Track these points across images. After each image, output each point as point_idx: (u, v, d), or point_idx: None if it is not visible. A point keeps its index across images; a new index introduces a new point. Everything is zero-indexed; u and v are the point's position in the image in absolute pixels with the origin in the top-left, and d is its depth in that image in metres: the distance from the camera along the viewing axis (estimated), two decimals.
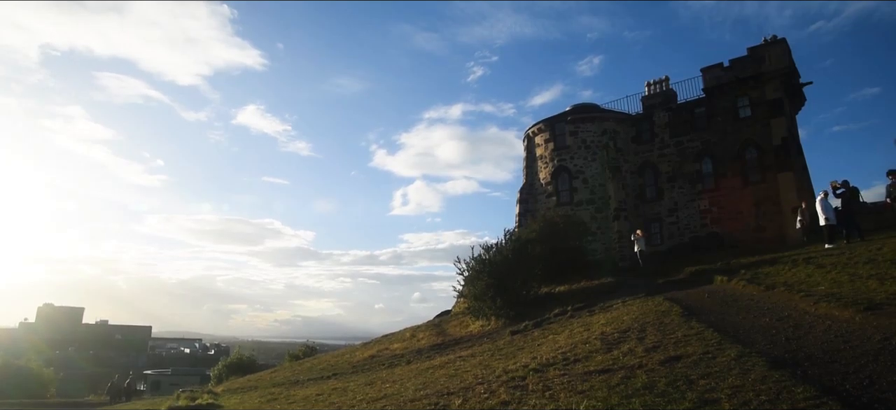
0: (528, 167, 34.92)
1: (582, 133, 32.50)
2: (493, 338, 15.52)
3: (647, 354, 7.76)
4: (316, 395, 10.46)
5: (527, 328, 15.19)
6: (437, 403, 7.33)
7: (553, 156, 33.04)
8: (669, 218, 31.06)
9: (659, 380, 6.21)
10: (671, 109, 32.10)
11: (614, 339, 9.45)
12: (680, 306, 11.63)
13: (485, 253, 21.29)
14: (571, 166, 32.31)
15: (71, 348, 79.91)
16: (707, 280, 17.78)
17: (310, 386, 12.85)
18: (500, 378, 8.25)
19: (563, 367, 8.16)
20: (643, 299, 14.92)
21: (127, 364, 60.48)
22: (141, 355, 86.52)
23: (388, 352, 17.55)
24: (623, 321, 11.25)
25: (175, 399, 12.52)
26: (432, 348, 16.58)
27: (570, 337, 10.96)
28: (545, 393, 6.77)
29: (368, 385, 10.78)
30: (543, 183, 33.40)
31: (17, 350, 39.88)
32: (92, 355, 77.48)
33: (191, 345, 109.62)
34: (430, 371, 11.00)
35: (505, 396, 6.98)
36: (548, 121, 34.17)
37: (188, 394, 13.58)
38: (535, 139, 34.56)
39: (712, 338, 7.92)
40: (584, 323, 12.87)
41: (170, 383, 47.76)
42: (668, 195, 31.26)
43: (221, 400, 12.31)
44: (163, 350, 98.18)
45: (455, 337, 18.04)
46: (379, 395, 8.87)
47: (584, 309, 16.16)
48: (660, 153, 31.86)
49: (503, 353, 11.52)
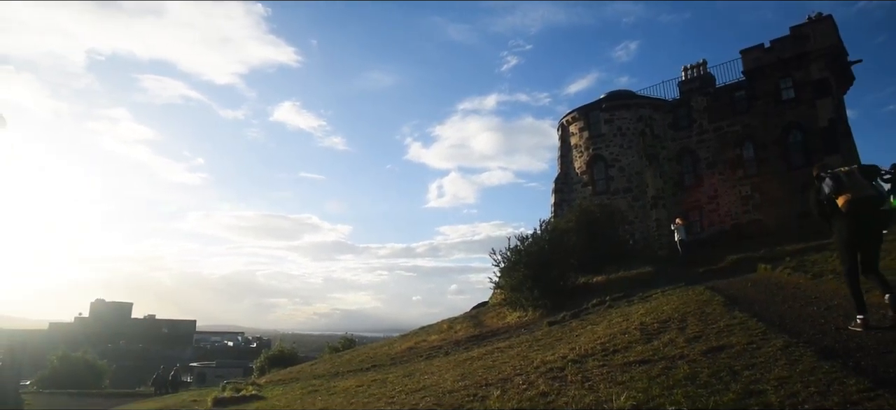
0: (563, 156, 34.56)
1: (617, 120, 31.97)
2: (530, 329, 15.48)
3: (688, 344, 7.63)
4: (356, 387, 10.64)
5: (564, 319, 15.10)
6: (476, 394, 7.37)
7: (588, 145, 32.62)
8: (709, 206, 30.33)
9: (701, 371, 6.11)
10: (709, 94, 31.27)
11: (654, 329, 9.32)
12: (722, 295, 11.38)
13: (520, 244, 21.22)
14: (607, 154, 31.84)
15: (121, 341, 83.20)
16: (750, 268, 17.33)
17: (349, 378, 13.08)
18: (538, 369, 8.25)
19: (602, 358, 8.10)
20: (683, 288, 14.64)
21: (174, 357, 62.61)
22: (187, 348, 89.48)
23: (425, 344, 17.69)
24: (663, 311, 11.08)
25: (221, 391, 12.93)
26: (470, 339, 16.65)
27: (609, 328, 10.85)
28: (584, 384, 6.74)
29: (407, 376, 10.91)
30: (579, 172, 33.02)
31: (74, 343, 41.68)
32: (141, 348, 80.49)
33: (234, 338, 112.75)
34: (468, 363, 11.06)
35: (544, 387, 6.98)
36: (582, 109, 33.74)
37: (233, 386, 14.00)
38: (570, 128, 34.17)
39: (757, 328, 7.73)
40: (622, 314, 12.72)
41: (215, 375, 49.28)
42: (707, 182, 30.51)
43: (265, 392, 12.63)
44: (207, 344, 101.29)
45: (492, 329, 18.06)
46: (418, 387, 8.97)
47: (622, 299, 15.96)
48: (698, 139, 31.11)
49: (541, 344, 11.48)
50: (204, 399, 12.67)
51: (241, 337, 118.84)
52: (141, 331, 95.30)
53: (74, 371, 29.41)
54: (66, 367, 29.64)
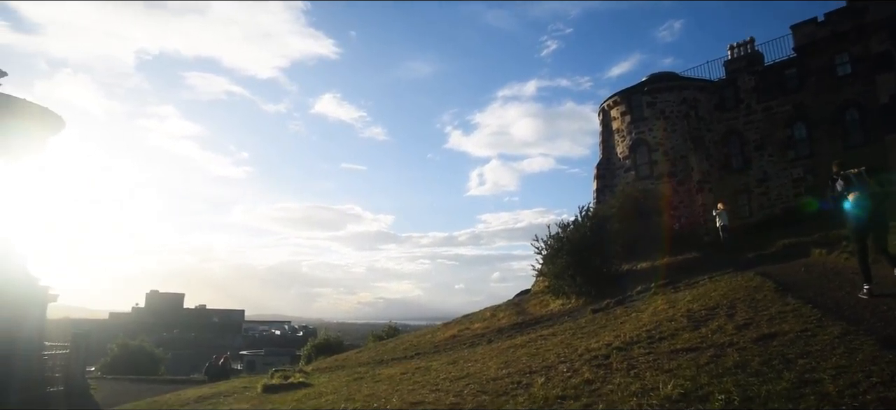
0: (605, 141, 33.99)
1: (660, 103, 31.18)
2: (573, 317, 15.39)
3: (737, 332, 7.46)
4: (400, 374, 10.82)
5: (608, 306, 14.94)
6: (520, 381, 7.40)
7: (630, 129, 31.96)
8: (758, 189, 29.35)
9: (752, 359, 5.97)
10: (757, 72, 30.13)
11: (702, 317, 9.14)
12: (773, 281, 11.05)
13: (562, 231, 21.06)
14: (650, 138, 31.13)
15: (175, 330, 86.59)
16: (803, 253, 16.72)
17: (394, 366, 13.30)
18: (582, 356, 8.21)
19: (648, 345, 8.01)
20: (732, 274, 14.27)
21: (224, 346, 64.75)
22: (236, 336, 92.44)
23: (468, 332, 17.79)
24: (711, 297, 10.84)
25: (269, 378, 13.32)
26: (513, 327, 16.66)
27: (654, 315, 10.69)
28: (629, 372, 6.68)
29: (451, 364, 11.02)
30: (621, 157, 32.42)
31: (132, 332, 43.60)
32: (193, 337, 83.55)
33: (281, 327, 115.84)
34: (511, 350, 11.09)
35: (588, 375, 6.95)
36: (623, 92, 33.05)
37: (281, 373, 14.40)
38: (611, 112, 33.55)
39: (811, 315, 7.50)
40: (668, 300, 12.50)
41: (263, 363, 50.79)
42: (756, 164, 29.51)
43: (312, 379, 12.97)
44: (256, 332, 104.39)
45: (535, 316, 18.02)
46: (461, 374, 9.06)
47: (667, 285, 15.67)
48: (746, 120, 30.07)
49: (585, 331, 11.41)
50: (254, 385, 13.10)
51: (287, 325, 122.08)
52: (193, 320, 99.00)
53: (133, 358, 30.83)
54: (126, 355, 31.09)
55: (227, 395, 12.40)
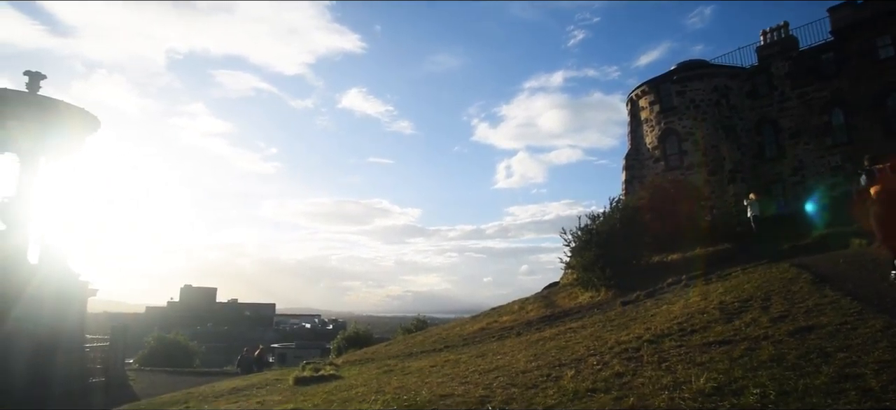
0: (633, 132, 33.51)
1: (690, 92, 30.58)
2: (603, 309, 15.25)
3: (773, 324, 7.31)
4: (429, 367, 10.87)
5: (638, 298, 14.76)
6: (549, 374, 7.38)
7: (659, 119, 31.43)
8: (793, 178, 28.57)
9: (788, 352, 5.85)
10: (792, 58, 29.28)
11: (735, 309, 8.98)
12: (810, 272, 10.77)
13: (591, 223, 20.89)
14: (679, 128, 30.57)
15: (209, 324, 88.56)
16: (841, 244, 16.24)
17: (423, 358, 13.37)
18: (612, 349, 8.14)
19: (679, 338, 7.90)
20: (766, 265, 13.96)
21: (256, 339, 66.00)
22: (268, 330, 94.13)
23: (497, 325, 17.78)
24: (744, 289, 10.63)
25: (301, 370, 13.51)
26: (541, 320, 16.59)
27: (686, 307, 10.54)
28: (661, 365, 6.61)
29: (480, 356, 11.04)
30: (650, 147, 31.92)
31: (167, 326, 44.77)
32: (226, 330, 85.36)
33: (311, 321, 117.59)
34: (540, 343, 11.05)
35: (618, 367, 6.90)
36: (652, 82, 32.50)
37: (312, 366, 14.61)
38: (639, 102, 33.03)
39: (851, 308, 7.29)
40: (700, 292, 12.30)
41: (294, 355, 51.61)
42: (791, 153, 28.72)
43: (342, 371, 13.12)
44: (286, 326, 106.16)
45: (564, 309, 17.92)
46: (491, 367, 9.06)
47: (699, 277, 15.41)
48: (780, 107, 29.27)
49: (614, 324, 11.31)
50: (285, 378, 13.30)
51: (317, 319, 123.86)
52: (226, 314, 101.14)
53: (168, 351, 31.64)
54: (162, 347, 31.93)
55: (259, 387, 12.63)
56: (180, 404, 11.67)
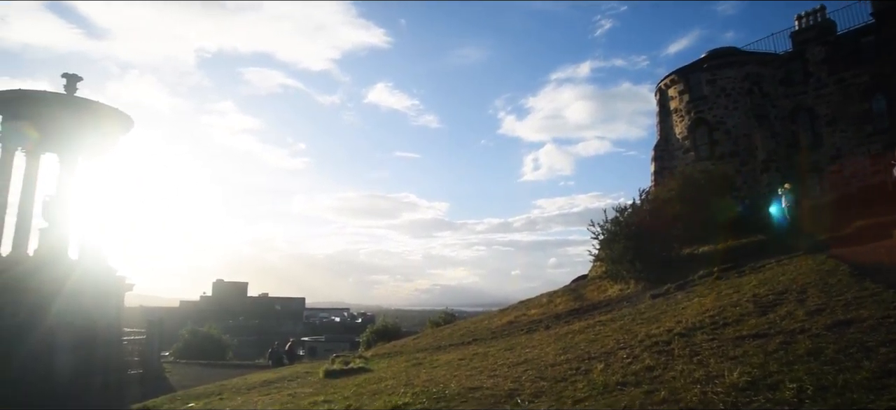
0: (662, 122, 32.94)
1: (720, 80, 29.89)
2: (632, 302, 15.08)
3: (809, 318, 7.13)
4: (458, 360, 10.91)
5: (669, 291, 14.54)
6: (579, 367, 7.34)
7: (689, 109, 30.82)
8: (831, 167, 27.72)
9: (826, 347, 5.70)
10: (829, 42, 28.34)
11: (769, 302, 8.78)
12: (848, 264, 10.47)
13: (620, 216, 20.64)
14: (710, 117, 29.93)
15: (240, 317, 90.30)
16: (882, 235, 15.71)
17: (451, 351, 13.42)
18: (642, 342, 8.06)
19: (711, 331, 7.77)
20: (802, 257, 13.60)
21: (287, 332, 67.04)
22: (298, 323, 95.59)
23: (525, 318, 17.73)
24: (779, 281, 10.40)
25: (331, 363, 13.69)
26: (570, 313, 16.49)
27: (718, 300, 10.35)
28: (692, 359, 6.51)
29: (508, 349, 11.03)
30: (680, 137, 31.35)
31: (200, 320, 45.79)
32: (257, 324, 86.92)
33: (340, 314, 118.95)
34: (569, 336, 10.99)
35: (649, 361, 6.82)
36: (681, 70, 31.87)
37: (342, 359, 14.79)
38: (668, 92, 32.44)
39: (893, 301, 7.07)
40: (732, 285, 12.06)
41: (324, 349, 52.26)
42: (828, 141, 27.86)
43: (371, 364, 13.25)
44: (316, 319, 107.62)
45: (593, 302, 17.77)
46: (519, 360, 9.06)
47: (731, 269, 15.08)
48: (816, 94, 28.39)
49: (645, 317, 11.17)
50: (315, 370, 13.50)
51: (346, 312, 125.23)
52: (257, 308, 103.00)
53: (202, 344, 32.37)
54: (196, 341, 32.69)
55: (290, 380, 12.84)
56: (214, 396, 11.94)
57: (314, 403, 8.14)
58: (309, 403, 8.27)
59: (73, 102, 16.62)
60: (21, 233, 16.06)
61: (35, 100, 16.31)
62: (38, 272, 15.17)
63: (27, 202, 16.33)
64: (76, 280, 15.41)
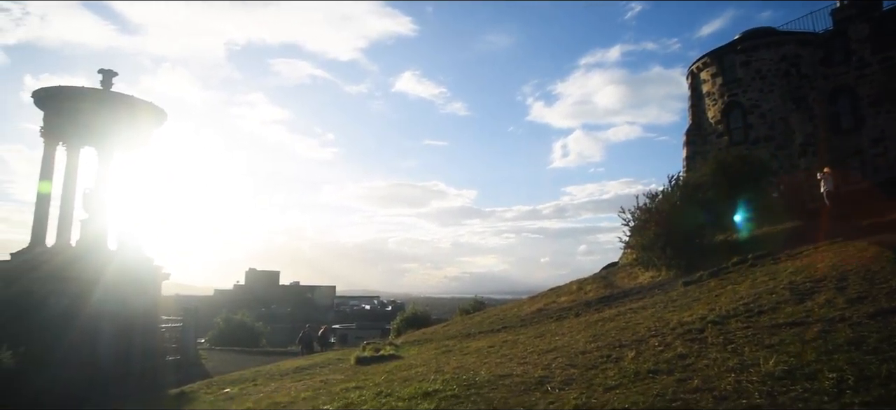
0: (694, 106, 32.24)
1: (755, 62, 29.06)
2: (664, 289, 14.87)
3: (850, 306, 6.94)
4: (488, 347, 10.94)
5: (701, 278, 14.28)
6: (610, 355, 7.29)
7: (722, 92, 30.07)
8: (874, 150, 26.76)
9: (868, 336, 5.54)
10: (873, 19, 27.22)
11: (807, 289, 8.57)
12: (892, 251, 10.12)
13: (651, 202, 20.34)
14: (744, 100, 29.16)
15: (273, 305, 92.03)
16: None
17: (481, 339, 13.45)
18: (675, 330, 7.95)
19: (746, 319, 7.63)
20: (841, 244, 13.21)
21: (319, 320, 68.14)
22: (329, 311, 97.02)
23: (555, 305, 17.65)
24: (817, 268, 10.12)
25: (361, 350, 13.85)
26: (600, 300, 16.35)
27: (753, 287, 10.14)
28: (726, 347, 6.41)
29: (538, 337, 11.01)
30: (712, 122, 30.64)
31: (234, 308, 46.79)
32: (289, 312, 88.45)
33: (370, 302, 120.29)
34: (599, 324, 10.91)
35: (681, 349, 6.73)
36: (714, 53, 31.09)
37: (372, 346, 14.95)
38: (701, 75, 31.69)
39: None
40: (768, 272, 11.79)
41: (354, 336, 52.98)
42: (871, 122, 26.87)
43: (402, 351, 13.37)
44: (347, 307, 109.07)
45: (623, 289, 17.58)
46: (549, 347, 9.03)
47: (767, 256, 14.73)
48: (858, 74, 27.37)
49: (677, 305, 11.02)
50: (347, 357, 13.69)
51: (376, 300, 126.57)
52: (288, 296, 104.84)
53: (236, 331, 33.16)
54: (230, 328, 33.49)
55: (322, 366, 13.06)
56: (249, 382, 12.23)
57: (346, 389, 8.26)
58: (341, 389, 8.40)
59: (109, 97, 17.06)
60: (64, 225, 16.62)
61: (74, 96, 16.79)
62: (79, 261, 15.70)
63: (68, 194, 16.87)
64: (115, 269, 15.90)
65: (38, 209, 16.66)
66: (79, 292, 14.99)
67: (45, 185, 16.73)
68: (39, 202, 16.68)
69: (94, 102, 16.75)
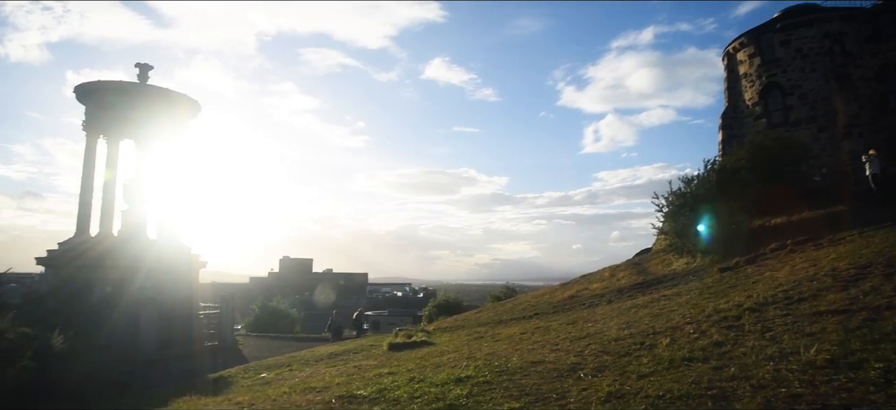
0: (730, 88, 31.35)
1: (796, 40, 28.05)
2: (699, 276, 14.59)
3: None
4: (520, 334, 10.92)
5: (738, 264, 13.96)
6: (643, 342, 7.20)
7: (760, 73, 29.15)
8: None
9: None
10: None
11: (850, 276, 8.28)
12: None
13: (685, 186, 19.93)
14: (784, 81, 28.21)
15: (306, 292, 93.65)
16: None
17: (513, 326, 13.44)
18: (710, 317, 7.81)
19: (785, 307, 7.43)
20: (888, 229, 12.73)
21: (353, 306, 69.09)
22: (361, 298, 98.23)
23: (587, 292, 17.50)
24: (861, 255, 9.78)
25: (394, 336, 14.00)
26: (633, 287, 16.14)
27: (792, 274, 9.86)
28: (764, 334, 6.26)
29: (570, 323, 10.94)
30: (750, 104, 29.77)
31: (269, 295, 47.79)
32: (321, 298, 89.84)
33: (402, 289, 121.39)
34: (632, 311, 10.78)
35: (717, 336, 6.61)
36: (751, 32, 30.12)
37: (405, 332, 15.09)
38: (737, 56, 30.77)
39: None
40: (808, 258, 11.45)
41: (387, 323, 53.56)
42: None
43: (434, 338, 13.46)
44: (379, 294, 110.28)
45: (657, 276, 17.32)
46: (581, 334, 8.97)
47: (807, 242, 14.29)
48: None
49: (712, 292, 10.80)
50: (379, 343, 13.85)
51: (408, 287, 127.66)
52: (321, 283, 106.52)
53: (271, 318, 33.87)
54: (265, 315, 34.23)
55: (355, 352, 13.24)
56: (285, 367, 12.49)
57: (379, 375, 8.36)
58: (374, 374, 8.51)
59: (146, 91, 17.50)
60: (106, 215, 17.19)
61: (113, 90, 17.29)
62: (121, 250, 16.23)
63: (110, 185, 17.43)
64: (154, 257, 16.39)
65: (82, 200, 17.27)
66: (120, 279, 15.52)
67: (88, 177, 17.31)
68: (83, 193, 17.28)
69: (132, 96, 17.21)
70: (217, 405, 8.31)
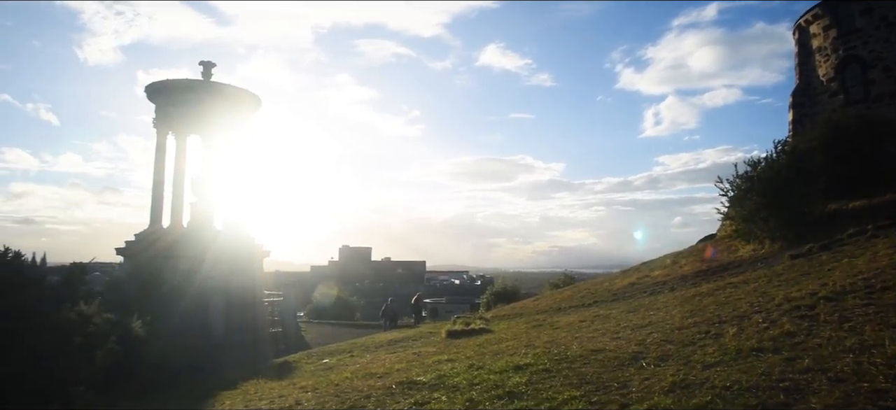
0: (802, 64, 29.58)
1: (879, 8, 26.06)
2: (768, 263, 13.93)
3: None
4: (579, 322, 10.78)
5: (811, 251, 13.22)
6: (708, 331, 6.96)
7: (836, 46, 27.34)
8: None
9: None
10: None
11: None
12: None
13: (752, 170, 19.01)
14: (864, 53, 26.35)
15: (365, 280, 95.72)
16: None
17: (572, 314, 13.28)
18: (780, 306, 7.45)
19: (865, 296, 6.99)
20: None
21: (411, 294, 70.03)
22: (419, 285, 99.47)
23: (648, 280, 17.05)
24: None
25: (452, 324, 14.13)
26: (697, 275, 15.60)
27: (873, 261, 9.25)
28: (842, 325, 5.92)
29: (631, 312, 10.70)
30: (824, 80, 28.01)
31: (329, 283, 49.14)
32: (381, 287, 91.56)
33: (459, 277, 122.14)
34: (696, 299, 10.43)
35: (789, 326, 6.30)
36: (826, 3, 28.24)
37: (463, 320, 15.20)
38: (810, 29, 28.97)
39: None
40: (891, 244, 10.71)
41: (444, 310, 54.02)
42: None
43: (492, 325, 13.49)
44: (436, 282, 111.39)
45: (722, 263, 16.67)
46: (643, 323, 8.76)
47: (890, 227, 13.37)
48: None
49: (782, 280, 10.29)
50: (438, 331, 14.01)
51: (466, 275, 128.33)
52: (380, 271, 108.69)
53: (332, 306, 34.86)
54: (326, 302, 35.28)
55: (414, 339, 13.45)
56: (346, 353, 12.83)
57: (438, 361, 8.46)
58: (433, 361, 8.61)
59: (210, 87, 18.22)
60: (176, 207, 18.07)
61: (180, 88, 18.09)
62: (190, 241, 17.03)
63: (179, 179, 18.30)
64: (221, 247, 17.11)
65: (154, 193, 18.22)
66: (189, 268, 16.30)
67: (159, 172, 18.24)
68: (155, 187, 18.23)
69: (198, 92, 17.96)
70: (283, 389, 8.63)
